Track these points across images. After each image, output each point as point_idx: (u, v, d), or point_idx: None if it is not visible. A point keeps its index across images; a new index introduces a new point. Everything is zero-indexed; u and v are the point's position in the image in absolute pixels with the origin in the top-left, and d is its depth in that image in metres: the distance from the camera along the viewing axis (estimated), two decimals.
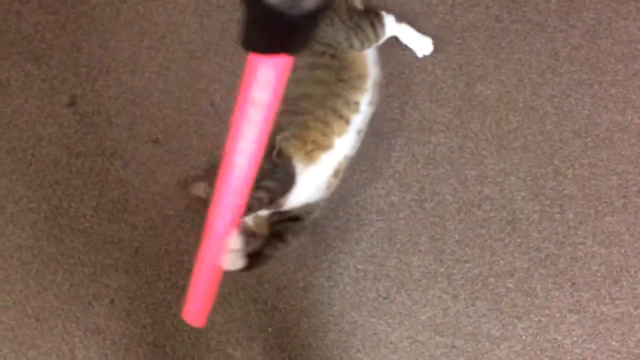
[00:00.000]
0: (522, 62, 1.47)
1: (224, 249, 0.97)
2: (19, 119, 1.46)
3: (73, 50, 1.49)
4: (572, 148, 1.44)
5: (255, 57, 0.74)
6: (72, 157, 1.44)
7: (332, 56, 1.30)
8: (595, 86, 1.46)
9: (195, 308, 1.06)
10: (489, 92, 1.46)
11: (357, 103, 1.29)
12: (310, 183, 1.27)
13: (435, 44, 1.47)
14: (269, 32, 0.69)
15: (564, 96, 1.46)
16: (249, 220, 1.23)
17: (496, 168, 1.43)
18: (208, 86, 1.47)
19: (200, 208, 1.24)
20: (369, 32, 1.34)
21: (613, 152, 1.44)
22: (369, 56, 1.35)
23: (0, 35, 1.50)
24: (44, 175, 1.43)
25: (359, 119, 1.30)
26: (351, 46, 1.31)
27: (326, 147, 1.26)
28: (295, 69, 1.28)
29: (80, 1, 1.52)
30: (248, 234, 1.20)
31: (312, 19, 0.67)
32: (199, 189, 1.34)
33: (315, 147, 1.26)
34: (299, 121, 1.26)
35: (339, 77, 1.28)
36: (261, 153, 0.86)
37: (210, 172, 1.44)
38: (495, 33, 1.49)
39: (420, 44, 1.46)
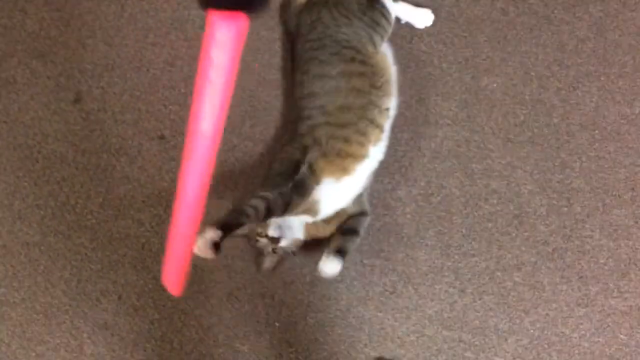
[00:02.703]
0: (528, 55, 1.46)
1: (194, 217, 0.95)
2: (25, 116, 1.46)
3: (78, 47, 1.49)
4: (579, 141, 1.43)
5: (213, 16, 0.74)
6: (78, 153, 1.44)
7: (363, 62, 1.30)
8: (602, 78, 1.46)
9: (172, 276, 1.04)
10: (495, 85, 1.45)
11: (387, 109, 1.31)
12: (343, 193, 1.29)
13: (441, 38, 1.46)
14: None
15: (571, 89, 1.45)
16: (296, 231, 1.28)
17: (503, 161, 1.42)
18: None
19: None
20: (384, 22, 1.35)
21: (620, 144, 1.43)
22: (388, 57, 1.36)
23: (6, 32, 1.50)
24: (50, 172, 1.44)
25: (389, 125, 1.32)
26: (374, 44, 1.32)
27: (362, 157, 1.27)
28: (329, 78, 1.30)
29: None
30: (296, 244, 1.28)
31: None
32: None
33: (352, 160, 1.26)
34: (342, 135, 1.26)
35: (373, 84, 1.29)
36: (224, 116, 0.83)
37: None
38: (502, 26, 1.48)
39: (420, 16, 1.46)
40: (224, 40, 0.76)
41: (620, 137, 1.43)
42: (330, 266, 1.22)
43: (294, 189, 1.22)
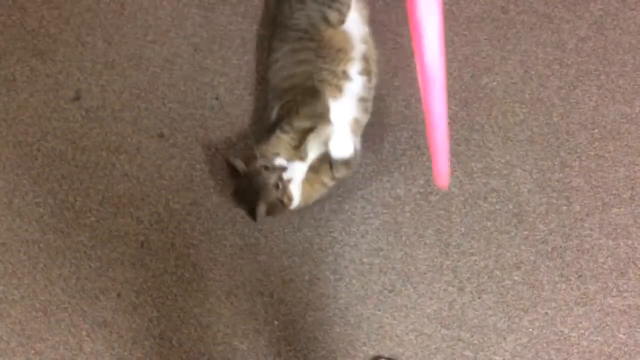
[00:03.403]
0: (528, 54, 1.46)
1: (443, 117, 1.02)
2: (24, 114, 1.46)
3: (77, 45, 1.49)
4: (578, 140, 1.43)
5: None
6: (77, 151, 1.44)
7: (310, 39, 1.35)
8: (602, 77, 1.45)
9: (440, 170, 1.09)
10: (495, 83, 1.45)
11: (344, 72, 1.32)
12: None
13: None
14: None
15: (571, 88, 1.45)
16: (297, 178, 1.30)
17: (502, 160, 1.42)
18: (213, 80, 1.47)
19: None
20: None
21: (620, 143, 1.42)
22: (352, 34, 1.35)
23: (5, 30, 1.50)
24: (49, 169, 1.44)
25: (354, 87, 1.32)
26: (328, 21, 1.34)
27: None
28: (275, 62, 1.35)
29: None
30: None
31: None
32: (239, 163, 1.32)
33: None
34: (290, 97, 1.32)
35: (319, 55, 1.33)
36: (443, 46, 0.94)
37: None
38: (502, 24, 1.48)
39: None
40: None
41: (620, 136, 1.43)
42: (340, 145, 1.28)
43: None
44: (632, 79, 1.45)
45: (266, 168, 1.27)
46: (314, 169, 1.31)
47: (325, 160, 1.31)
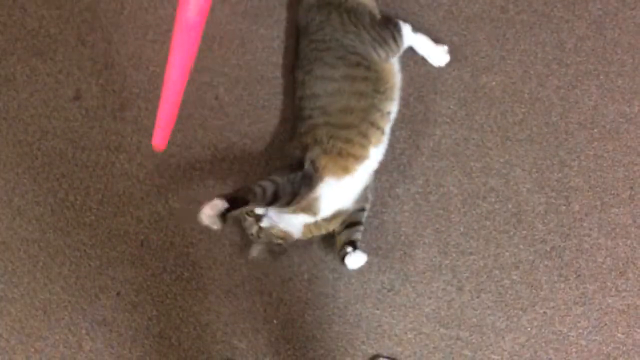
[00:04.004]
0: (527, 53, 1.46)
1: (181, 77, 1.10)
2: (24, 113, 1.47)
3: (77, 45, 1.50)
4: (577, 139, 1.43)
5: None
6: (77, 150, 1.45)
7: (367, 68, 1.31)
8: (601, 77, 1.45)
9: (160, 130, 1.14)
10: (494, 83, 1.45)
11: (389, 113, 1.33)
12: (344, 193, 1.30)
13: (439, 36, 1.46)
14: None
15: (570, 87, 1.45)
16: (293, 229, 1.30)
17: (501, 160, 1.42)
18: (212, 79, 1.47)
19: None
20: (391, 43, 1.35)
21: (619, 143, 1.43)
22: (395, 66, 1.36)
23: (5, 30, 1.50)
24: (49, 168, 1.44)
25: (389, 127, 1.34)
26: (378, 56, 1.33)
27: (363, 157, 1.29)
28: (332, 80, 1.32)
29: None
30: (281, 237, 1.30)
31: None
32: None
33: (353, 160, 1.28)
34: (342, 135, 1.27)
35: (376, 89, 1.31)
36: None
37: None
38: (501, 24, 1.48)
39: (437, 54, 1.43)
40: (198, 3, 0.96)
41: (619, 135, 1.43)
42: (356, 259, 1.27)
43: (302, 179, 1.24)
44: (631, 79, 1.45)
45: (248, 213, 1.27)
46: (326, 219, 1.30)
47: (343, 213, 1.31)
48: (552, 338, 1.35)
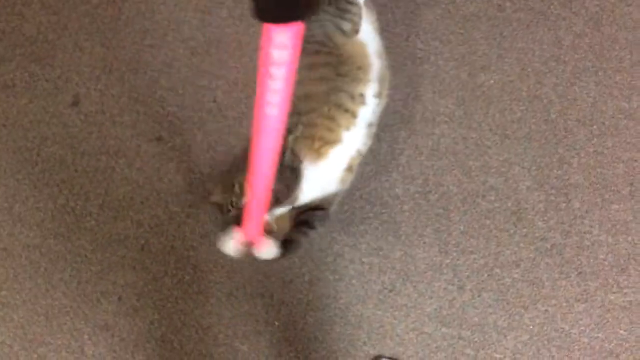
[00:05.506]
0: (525, 52, 1.46)
1: (268, 184, 1.07)
2: (24, 120, 1.47)
3: (76, 51, 1.50)
4: (577, 137, 1.43)
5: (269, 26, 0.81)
6: (77, 156, 1.45)
7: (328, 54, 1.29)
8: (600, 74, 1.45)
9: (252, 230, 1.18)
10: (492, 82, 1.45)
11: (362, 95, 1.28)
12: (322, 179, 1.27)
13: (437, 35, 1.46)
14: (278, 2, 0.77)
15: (569, 84, 1.45)
16: (269, 218, 1.26)
17: (501, 158, 1.42)
18: (211, 83, 1.47)
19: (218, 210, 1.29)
20: (351, 7, 1.32)
21: (619, 139, 1.42)
22: (369, 47, 1.34)
23: (4, 37, 1.51)
24: (49, 175, 1.44)
25: (366, 112, 1.29)
26: (344, 33, 1.30)
27: (334, 142, 1.26)
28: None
29: (82, 1, 1.53)
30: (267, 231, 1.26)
31: None
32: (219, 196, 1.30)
33: (323, 143, 1.25)
34: (305, 120, 1.26)
35: (339, 72, 1.28)
36: (289, 102, 0.94)
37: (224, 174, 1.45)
38: (498, 22, 1.48)
39: None
40: (283, 42, 0.85)
41: (618, 132, 1.43)
42: (265, 249, 1.23)
43: (286, 172, 1.23)
44: (629, 75, 1.45)
45: (232, 205, 1.25)
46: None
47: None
48: (555, 336, 1.35)
